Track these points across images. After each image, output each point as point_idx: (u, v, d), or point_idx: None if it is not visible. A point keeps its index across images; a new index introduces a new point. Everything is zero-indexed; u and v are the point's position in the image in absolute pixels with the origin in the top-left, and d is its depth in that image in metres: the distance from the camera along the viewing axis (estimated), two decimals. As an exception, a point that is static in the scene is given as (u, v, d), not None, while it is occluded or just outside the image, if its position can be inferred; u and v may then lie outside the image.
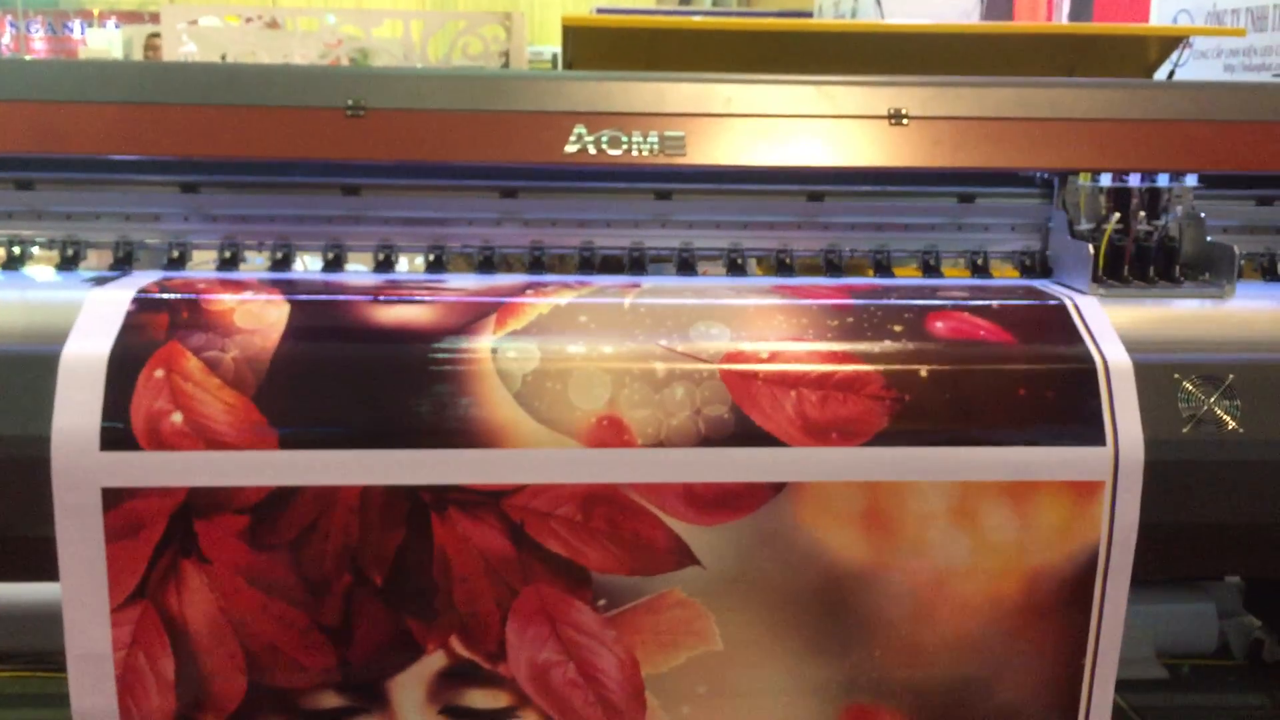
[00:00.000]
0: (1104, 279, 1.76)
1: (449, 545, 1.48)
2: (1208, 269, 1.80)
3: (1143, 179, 1.82)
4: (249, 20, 3.99)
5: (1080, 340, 1.59)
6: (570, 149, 1.79)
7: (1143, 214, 1.81)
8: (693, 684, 1.55)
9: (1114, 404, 1.54)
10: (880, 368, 1.54)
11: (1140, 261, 1.80)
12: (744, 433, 1.49)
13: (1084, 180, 1.84)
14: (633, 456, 1.48)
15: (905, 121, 1.84)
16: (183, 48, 3.93)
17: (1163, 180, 1.82)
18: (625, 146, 1.80)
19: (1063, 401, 1.54)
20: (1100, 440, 1.53)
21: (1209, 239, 1.80)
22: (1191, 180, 1.83)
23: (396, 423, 1.47)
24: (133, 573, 1.46)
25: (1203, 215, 1.82)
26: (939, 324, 1.59)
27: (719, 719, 1.56)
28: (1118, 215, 1.80)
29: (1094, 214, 1.83)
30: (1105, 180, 1.83)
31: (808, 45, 2.68)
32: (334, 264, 1.85)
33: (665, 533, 1.50)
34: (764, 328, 1.57)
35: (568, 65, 2.72)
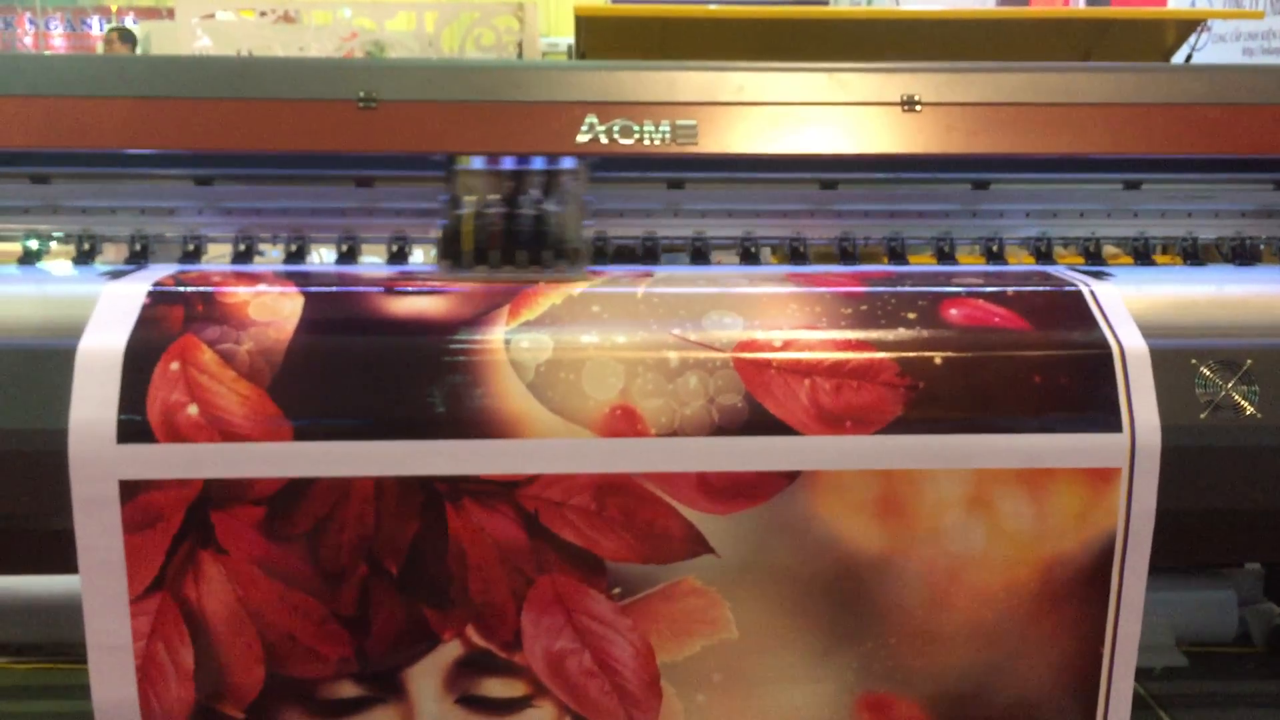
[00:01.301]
0: (461, 262, 1.68)
1: (464, 535, 1.48)
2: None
3: (518, 161, 1.75)
4: (264, 14, 3.99)
5: (1096, 326, 1.58)
6: (582, 139, 1.79)
7: (520, 195, 1.74)
8: (708, 672, 1.55)
9: (1130, 390, 1.53)
10: (894, 355, 1.53)
11: (509, 243, 1.70)
12: (757, 421, 1.49)
13: (465, 162, 1.76)
14: (646, 446, 1.48)
15: (919, 108, 1.83)
16: (197, 42, 3.94)
17: (538, 163, 1.75)
18: (637, 136, 1.80)
19: (1078, 388, 1.53)
20: (1117, 427, 1.52)
21: (585, 223, 1.74)
22: (569, 163, 1.76)
23: (411, 414, 1.47)
24: (151, 564, 1.47)
25: (586, 199, 1.76)
26: (953, 311, 1.58)
27: (735, 707, 1.56)
28: (476, 198, 1.72)
29: (471, 195, 1.74)
30: (479, 162, 1.76)
31: (821, 32, 2.68)
32: (348, 256, 1.85)
33: (679, 521, 1.50)
34: (777, 316, 1.56)
35: (580, 54, 2.72)
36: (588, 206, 1.77)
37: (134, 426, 1.44)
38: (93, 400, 1.44)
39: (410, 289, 1.59)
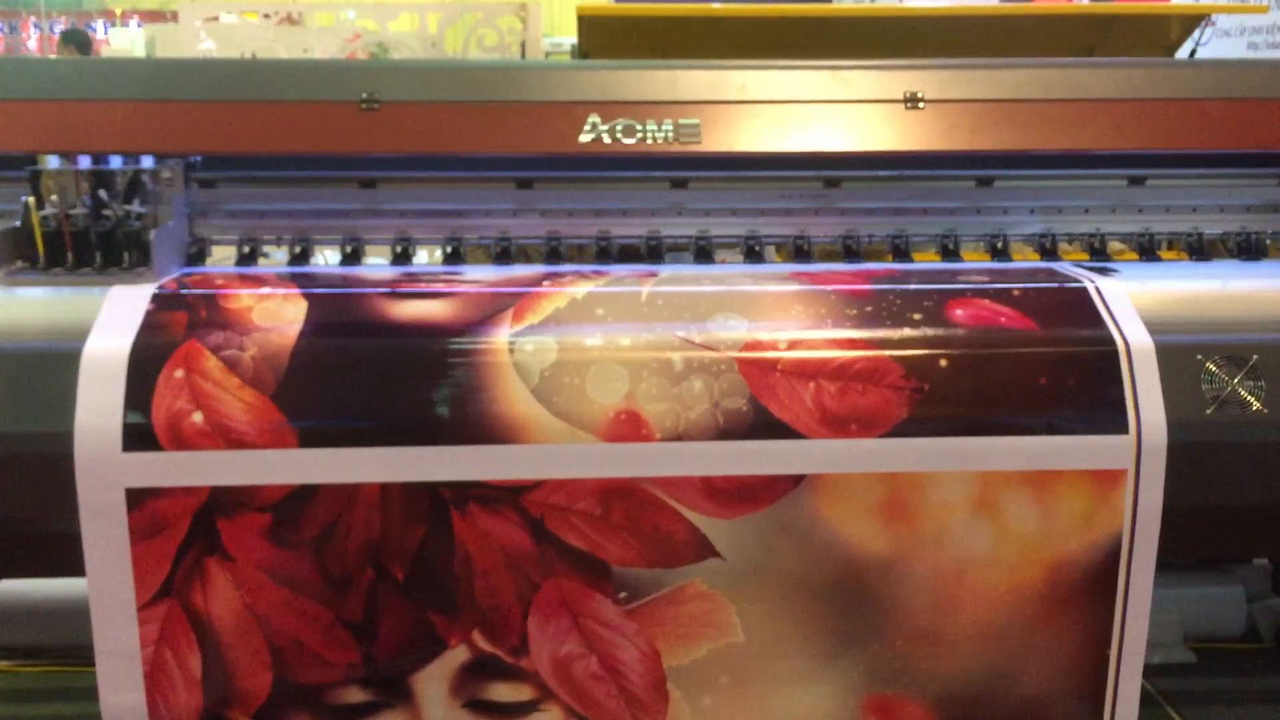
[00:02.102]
0: (35, 264, 1.64)
1: (470, 540, 1.48)
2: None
3: (96, 160, 1.70)
4: (267, 16, 4.00)
5: (1102, 323, 1.57)
6: (585, 139, 1.79)
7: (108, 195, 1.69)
8: (715, 675, 1.55)
9: (1136, 387, 1.53)
10: (899, 358, 1.53)
11: (79, 246, 1.65)
12: (762, 425, 1.49)
13: (41, 162, 1.70)
14: (651, 450, 1.47)
15: (921, 105, 1.82)
16: (201, 45, 3.94)
17: (116, 163, 1.71)
18: (640, 135, 1.79)
19: (1084, 387, 1.53)
20: (1123, 428, 1.51)
21: (171, 224, 1.71)
22: (148, 163, 1.72)
23: (415, 420, 1.47)
24: (158, 571, 1.47)
25: (185, 201, 1.74)
26: (959, 311, 1.58)
27: (741, 709, 1.56)
28: (34, 199, 1.66)
29: (55, 195, 1.68)
30: (56, 162, 1.70)
31: (823, 30, 2.67)
32: (352, 257, 1.85)
33: (685, 525, 1.49)
34: (782, 317, 1.56)
35: (583, 54, 2.72)
36: (180, 208, 1.75)
37: (139, 435, 1.44)
38: (98, 408, 1.44)
39: (413, 291, 1.59)
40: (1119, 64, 1.93)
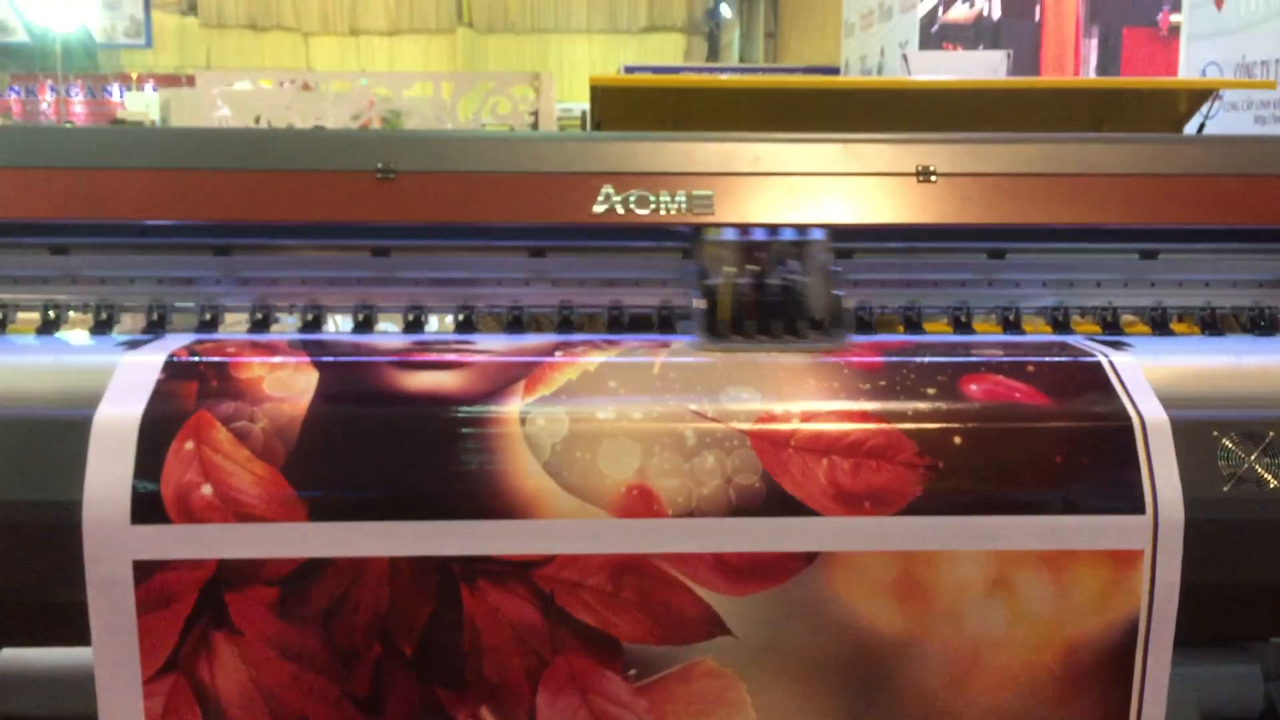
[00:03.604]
0: (718, 333, 1.66)
1: (479, 616, 1.46)
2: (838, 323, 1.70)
3: (769, 233, 1.74)
4: (282, 84, 4.05)
5: (1116, 398, 1.56)
6: (598, 209, 1.80)
7: (775, 266, 1.71)
8: None
9: (1152, 464, 1.51)
10: (913, 435, 1.51)
11: (766, 314, 1.68)
12: (775, 502, 1.47)
13: (712, 234, 1.74)
14: (663, 526, 1.46)
15: (934, 178, 1.83)
16: (218, 112, 3.99)
17: (788, 234, 1.73)
18: (653, 206, 1.80)
19: (1100, 465, 1.51)
20: (1139, 508, 1.50)
21: (836, 293, 1.71)
22: (817, 234, 1.74)
23: (425, 494, 1.46)
24: (164, 645, 1.45)
25: (836, 269, 1.74)
26: (972, 386, 1.57)
27: None
28: (734, 269, 1.69)
29: (721, 266, 1.71)
30: (731, 234, 1.74)
31: (835, 103, 2.69)
32: (364, 325, 1.85)
33: (696, 602, 1.48)
34: (795, 391, 1.55)
35: (596, 125, 2.74)
36: (837, 276, 1.75)
37: (148, 507, 1.43)
38: (107, 479, 1.44)
39: (424, 362, 1.58)
40: (1128, 139, 1.95)
